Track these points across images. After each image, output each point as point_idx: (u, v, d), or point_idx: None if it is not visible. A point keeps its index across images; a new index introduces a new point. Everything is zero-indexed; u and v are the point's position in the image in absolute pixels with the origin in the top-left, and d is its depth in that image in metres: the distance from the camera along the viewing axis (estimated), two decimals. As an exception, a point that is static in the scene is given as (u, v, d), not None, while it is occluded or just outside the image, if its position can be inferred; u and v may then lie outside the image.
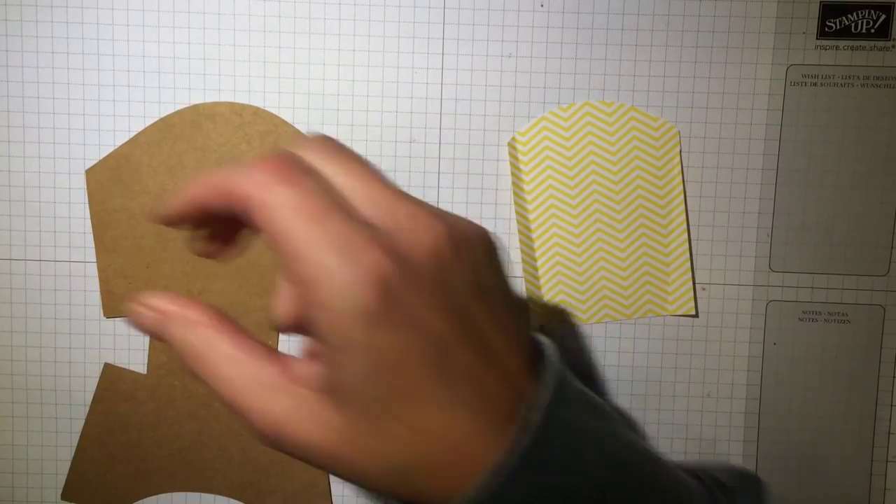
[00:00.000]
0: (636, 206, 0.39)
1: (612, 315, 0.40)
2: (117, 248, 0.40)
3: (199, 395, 0.41)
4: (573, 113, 0.39)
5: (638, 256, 0.39)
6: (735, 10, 0.39)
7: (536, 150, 0.39)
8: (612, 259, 0.39)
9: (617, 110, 0.39)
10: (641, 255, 0.39)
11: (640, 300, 0.40)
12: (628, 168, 0.39)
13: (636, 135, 0.39)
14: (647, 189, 0.39)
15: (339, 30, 0.39)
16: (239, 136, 0.40)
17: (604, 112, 0.39)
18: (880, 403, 0.41)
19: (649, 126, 0.39)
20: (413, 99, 0.40)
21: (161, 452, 0.41)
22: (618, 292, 0.40)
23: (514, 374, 0.24)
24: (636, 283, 0.40)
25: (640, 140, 0.39)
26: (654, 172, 0.39)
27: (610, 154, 0.39)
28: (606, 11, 0.39)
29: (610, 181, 0.39)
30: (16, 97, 0.40)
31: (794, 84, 0.39)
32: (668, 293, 0.39)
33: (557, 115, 0.39)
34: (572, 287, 0.39)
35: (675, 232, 0.39)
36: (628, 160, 0.39)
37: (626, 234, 0.39)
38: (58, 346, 0.41)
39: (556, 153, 0.39)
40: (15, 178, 0.40)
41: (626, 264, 0.39)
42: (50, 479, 0.42)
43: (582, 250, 0.39)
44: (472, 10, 0.39)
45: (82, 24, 0.39)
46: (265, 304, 0.40)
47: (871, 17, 0.39)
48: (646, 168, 0.39)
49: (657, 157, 0.39)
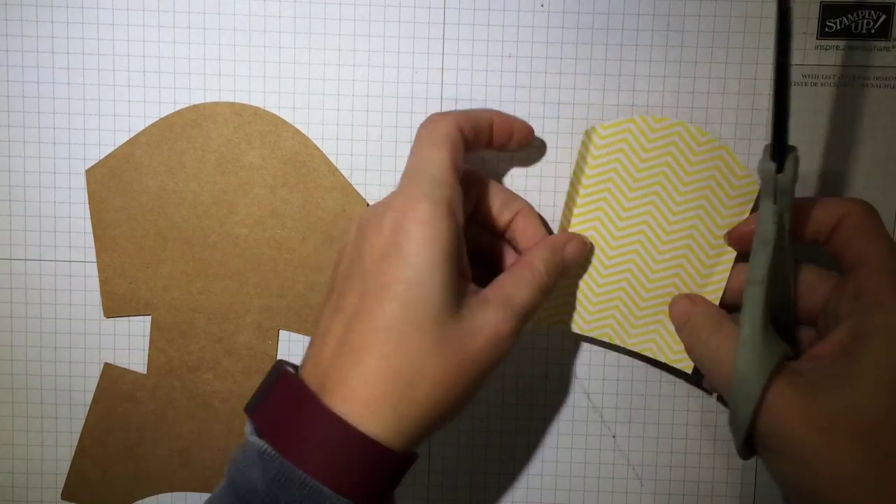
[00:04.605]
0: (683, 247, 0.36)
1: (609, 335, 0.38)
2: (117, 248, 0.40)
3: (199, 395, 0.41)
4: (663, 127, 0.36)
5: (663, 296, 0.37)
6: (735, 10, 0.39)
7: (611, 150, 0.36)
8: (637, 286, 0.37)
9: (707, 143, 0.36)
10: (666, 295, 0.37)
11: (644, 335, 0.38)
12: (693, 205, 0.36)
13: (716, 175, 0.36)
14: (702, 234, 0.36)
15: (339, 30, 0.39)
16: (239, 136, 0.40)
17: (694, 140, 0.36)
18: (880, 403, 0.41)
19: (732, 172, 0.36)
20: (413, 99, 0.40)
21: (161, 452, 0.41)
22: (627, 318, 0.38)
23: None
24: (648, 319, 0.37)
25: (718, 183, 0.36)
26: (716, 221, 0.36)
27: (681, 184, 0.36)
28: (606, 11, 0.39)
29: (668, 210, 0.36)
30: (16, 97, 0.40)
31: (794, 84, 0.39)
32: (674, 342, 0.37)
33: (647, 123, 0.36)
34: (584, 292, 0.38)
35: (710, 286, 0.37)
36: (695, 197, 0.36)
37: (661, 269, 0.37)
38: (58, 346, 0.41)
39: (628, 160, 0.36)
40: (15, 178, 0.40)
41: (647, 296, 0.37)
42: (50, 479, 0.42)
43: (611, 263, 0.37)
44: (472, 10, 0.39)
45: (82, 24, 0.39)
46: (265, 304, 0.40)
47: (871, 17, 0.39)
48: (710, 213, 0.36)
49: (726, 207, 0.36)
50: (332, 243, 0.40)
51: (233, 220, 0.40)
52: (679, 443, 0.41)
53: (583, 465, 0.41)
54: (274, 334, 0.41)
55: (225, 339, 0.41)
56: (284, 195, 0.40)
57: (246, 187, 0.40)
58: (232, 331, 0.40)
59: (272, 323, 0.40)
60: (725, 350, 0.33)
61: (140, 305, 0.40)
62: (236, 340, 0.41)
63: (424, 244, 0.30)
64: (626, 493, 0.41)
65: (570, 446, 0.41)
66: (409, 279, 0.30)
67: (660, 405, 0.41)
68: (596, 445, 0.41)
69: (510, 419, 0.41)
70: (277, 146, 0.40)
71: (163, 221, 0.40)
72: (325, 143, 0.40)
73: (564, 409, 0.41)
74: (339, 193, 0.40)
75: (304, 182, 0.40)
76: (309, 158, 0.40)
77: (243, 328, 0.40)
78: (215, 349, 0.41)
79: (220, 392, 0.41)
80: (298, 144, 0.40)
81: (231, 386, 0.41)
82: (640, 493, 0.41)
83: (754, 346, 0.31)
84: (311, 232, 0.40)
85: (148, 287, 0.40)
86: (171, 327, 0.40)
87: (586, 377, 0.41)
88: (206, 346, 0.41)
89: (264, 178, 0.40)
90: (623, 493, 0.41)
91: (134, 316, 0.41)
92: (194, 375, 0.41)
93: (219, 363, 0.41)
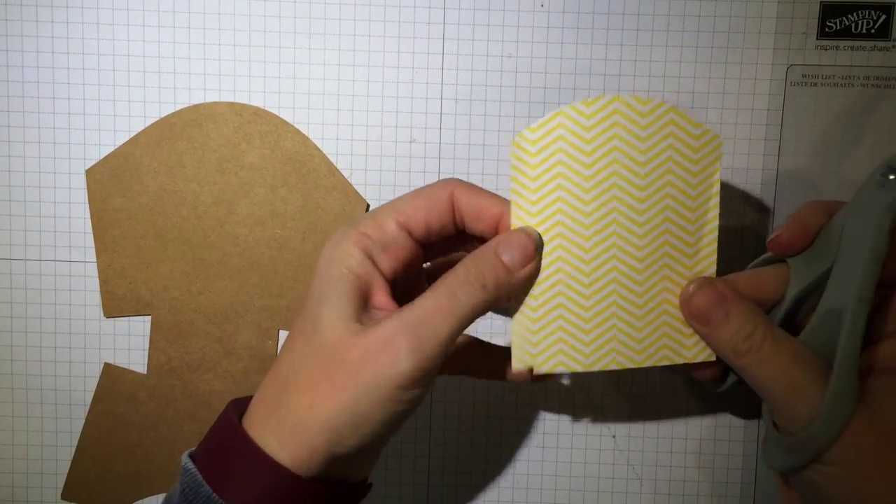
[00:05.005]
0: (663, 231, 0.32)
1: (619, 362, 0.32)
2: (117, 248, 0.40)
3: (199, 395, 0.41)
4: (599, 109, 0.30)
5: (657, 293, 0.32)
6: (735, 10, 0.39)
7: (547, 154, 0.31)
8: (628, 294, 0.32)
9: (654, 110, 0.31)
10: (661, 290, 0.32)
11: (653, 346, 0.32)
12: (659, 183, 0.31)
13: (671, 140, 0.31)
14: (677, 210, 0.31)
15: (339, 30, 0.39)
16: (239, 136, 0.40)
17: (636, 111, 0.31)
18: (880, 403, 0.41)
19: (687, 132, 0.31)
20: (413, 99, 0.40)
21: (161, 452, 0.41)
22: (629, 334, 0.32)
23: None
24: (652, 324, 0.32)
25: (675, 149, 0.31)
26: (687, 191, 0.31)
27: (638, 164, 0.31)
28: (606, 11, 0.39)
29: (634, 196, 0.31)
30: (16, 97, 0.40)
31: (794, 84, 0.39)
32: (686, 336, 0.32)
33: (579, 110, 0.30)
34: (574, 324, 0.32)
35: (703, 262, 0.32)
36: (660, 173, 0.31)
37: (648, 263, 0.32)
38: (58, 346, 0.41)
39: (572, 158, 0.31)
40: (15, 178, 0.40)
41: (643, 300, 0.32)
42: (50, 479, 0.42)
43: (591, 280, 0.31)
44: (472, 10, 0.39)
45: (82, 24, 0.39)
46: (265, 304, 0.40)
47: (871, 17, 0.39)
48: (678, 183, 0.31)
49: (693, 173, 0.31)
50: (332, 243, 0.40)
51: (233, 220, 0.40)
52: (679, 443, 0.41)
53: (583, 464, 0.41)
54: (274, 334, 0.41)
55: (225, 339, 0.41)
56: (284, 195, 0.40)
57: (246, 187, 0.40)
58: (232, 331, 0.40)
59: (272, 323, 0.40)
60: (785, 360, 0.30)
61: (140, 305, 0.40)
62: (236, 340, 0.41)
63: (326, 262, 0.30)
64: (626, 493, 0.41)
65: (571, 446, 0.41)
66: (309, 293, 0.31)
67: (660, 405, 0.41)
68: (596, 445, 0.41)
69: (510, 419, 0.41)
70: (277, 146, 0.40)
71: (163, 221, 0.40)
72: (325, 143, 0.40)
73: (564, 409, 0.41)
74: (339, 193, 0.40)
75: (304, 182, 0.40)
76: (309, 158, 0.40)
77: (243, 328, 0.40)
78: (215, 349, 0.41)
79: (220, 392, 0.41)
80: (298, 144, 0.40)
81: (231, 386, 0.41)
82: (640, 493, 0.41)
83: (849, 375, 0.29)
84: (311, 232, 0.40)
85: (148, 287, 0.40)
86: (171, 327, 0.40)
87: (586, 377, 0.41)
88: (206, 346, 0.41)
89: (264, 178, 0.40)
90: (623, 493, 0.41)
91: (134, 316, 0.41)
92: (194, 375, 0.41)
93: (219, 363, 0.41)
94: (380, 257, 0.31)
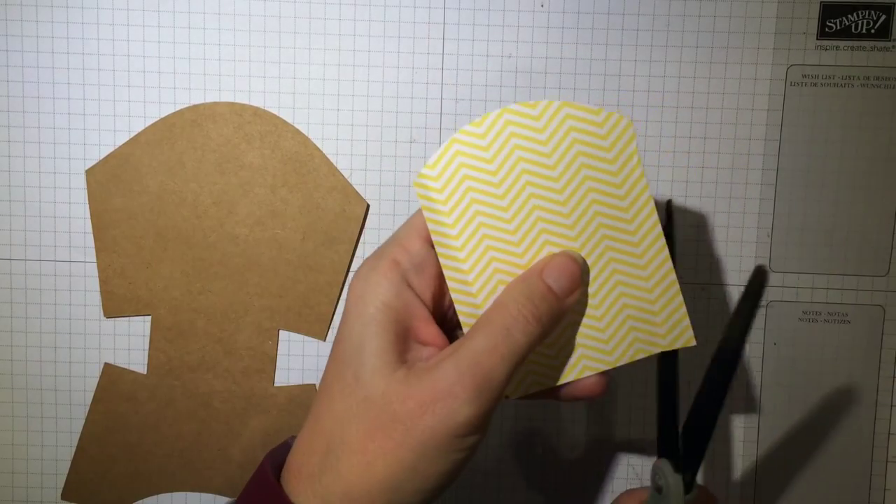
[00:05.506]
0: (595, 228, 0.30)
1: (591, 367, 0.31)
2: (117, 248, 0.40)
3: (199, 395, 0.41)
4: (490, 126, 0.29)
5: (611, 288, 0.31)
6: (735, 10, 0.39)
7: (454, 185, 0.30)
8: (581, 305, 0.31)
9: (545, 111, 0.29)
10: (615, 284, 0.31)
11: (624, 341, 0.31)
12: (577, 180, 0.30)
13: (577, 136, 0.30)
14: (605, 201, 0.30)
15: (339, 30, 0.39)
16: (239, 136, 0.40)
17: (528, 116, 0.29)
18: (880, 403, 0.41)
19: (591, 122, 0.30)
20: (413, 99, 0.40)
21: (161, 452, 0.41)
22: (593, 337, 0.31)
23: None
24: (615, 321, 0.31)
25: (584, 143, 0.30)
26: (608, 180, 0.30)
27: (548, 169, 0.30)
28: (606, 11, 0.39)
29: (555, 202, 0.30)
30: (16, 97, 0.40)
31: (794, 84, 0.39)
32: (656, 325, 0.31)
33: (470, 132, 0.29)
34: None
35: (651, 249, 0.30)
36: (574, 170, 0.30)
37: (591, 261, 0.30)
38: (58, 346, 0.41)
39: (479, 182, 0.30)
40: (15, 178, 0.40)
41: (597, 301, 0.31)
42: (50, 479, 0.42)
43: None
44: (472, 10, 0.39)
45: (82, 24, 0.39)
46: (265, 304, 0.40)
47: (871, 17, 0.39)
48: (597, 176, 0.30)
49: (609, 161, 0.30)
50: (332, 243, 0.40)
51: (233, 220, 0.40)
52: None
53: (583, 464, 0.41)
54: (274, 334, 0.41)
55: (225, 339, 0.41)
56: (284, 195, 0.40)
57: (246, 187, 0.40)
58: (232, 331, 0.40)
59: (272, 323, 0.40)
60: None
61: (140, 305, 0.40)
62: (236, 340, 0.41)
63: (358, 300, 0.28)
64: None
65: (571, 446, 0.41)
66: (341, 335, 0.28)
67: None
68: (596, 446, 0.41)
69: (510, 419, 0.41)
70: (277, 146, 0.40)
71: (163, 221, 0.40)
72: (325, 143, 0.40)
73: (564, 409, 0.41)
74: (339, 193, 0.40)
75: (304, 182, 0.40)
76: (309, 158, 0.40)
77: (243, 328, 0.40)
78: (215, 349, 0.41)
79: (220, 392, 0.41)
80: (298, 144, 0.40)
81: (231, 386, 0.41)
82: (640, 493, 0.41)
83: None
84: (311, 232, 0.40)
85: (148, 287, 0.40)
86: (171, 327, 0.40)
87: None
88: (206, 346, 0.41)
89: (264, 178, 0.40)
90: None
91: (134, 316, 0.41)
92: (194, 375, 0.41)
93: (219, 363, 0.41)
94: (417, 281, 0.29)
